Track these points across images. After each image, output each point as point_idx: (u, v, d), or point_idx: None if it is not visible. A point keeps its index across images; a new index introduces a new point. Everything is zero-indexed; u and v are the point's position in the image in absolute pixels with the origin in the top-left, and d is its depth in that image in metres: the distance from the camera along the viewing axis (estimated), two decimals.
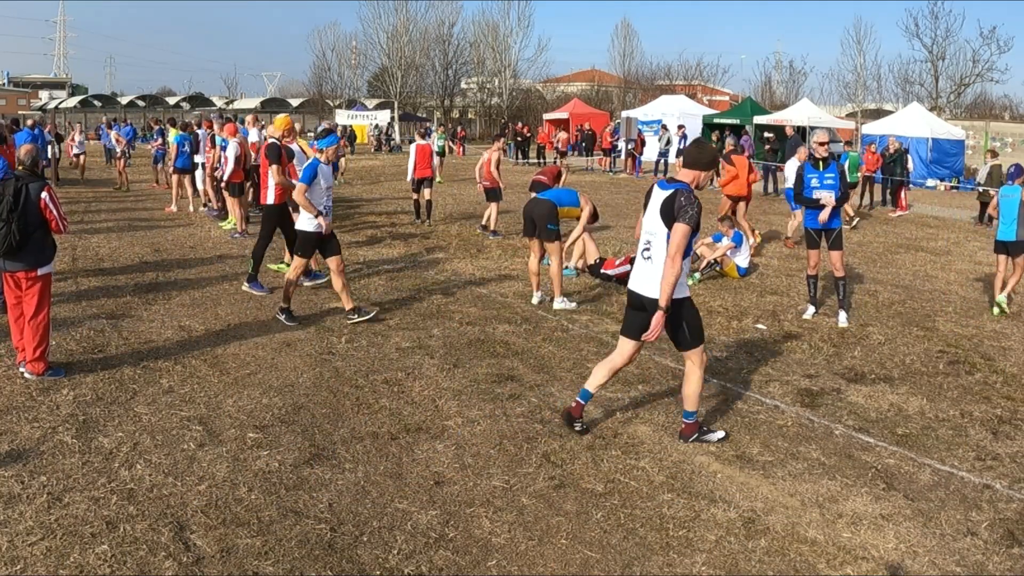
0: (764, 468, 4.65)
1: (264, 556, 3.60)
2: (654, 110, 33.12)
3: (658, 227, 4.53)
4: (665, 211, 4.46)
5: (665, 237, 4.48)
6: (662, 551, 3.75)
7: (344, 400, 5.53)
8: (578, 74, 63.66)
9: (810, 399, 5.81)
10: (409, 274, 9.80)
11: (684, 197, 4.43)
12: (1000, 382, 6.35)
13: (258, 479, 4.31)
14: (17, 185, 5.46)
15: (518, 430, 5.08)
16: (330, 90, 58.60)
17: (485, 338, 7.09)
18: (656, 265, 4.55)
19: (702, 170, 4.63)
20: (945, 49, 41.43)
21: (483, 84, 57.05)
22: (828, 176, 7.75)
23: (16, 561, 3.49)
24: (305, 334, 7.06)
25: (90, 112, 55.74)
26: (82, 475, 4.30)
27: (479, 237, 12.73)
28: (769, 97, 53.53)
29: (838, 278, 7.90)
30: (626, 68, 58.63)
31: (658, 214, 4.51)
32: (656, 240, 4.56)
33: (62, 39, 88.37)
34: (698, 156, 4.63)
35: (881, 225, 16.21)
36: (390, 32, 53.90)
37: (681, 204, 4.41)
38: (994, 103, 50.36)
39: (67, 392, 5.49)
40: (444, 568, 3.57)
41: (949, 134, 27.13)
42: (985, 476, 4.63)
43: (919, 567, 3.69)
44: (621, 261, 9.62)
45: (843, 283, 7.92)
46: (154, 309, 7.80)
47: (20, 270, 5.57)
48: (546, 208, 8.11)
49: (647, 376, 6.20)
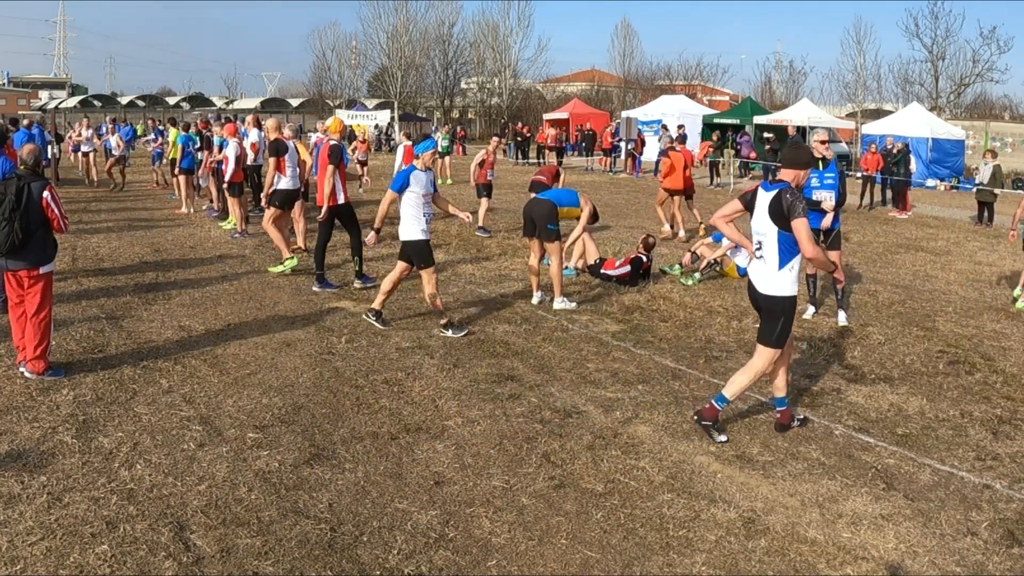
0: (764, 468, 4.65)
1: (264, 556, 3.60)
2: (654, 110, 33.11)
3: (768, 227, 4.81)
4: (774, 211, 4.75)
5: (776, 236, 4.78)
6: (662, 551, 3.75)
7: (344, 400, 5.53)
8: (578, 74, 63.62)
9: (810, 399, 5.81)
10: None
11: (789, 195, 4.72)
12: (1000, 382, 6.35)
13: (258, 479, 4.32)
14: (19, 184, 5.51)
15: (518, 430, 5.08)
16: (330, 90, 58.59)
17: (485, 338, 7.09)
18: (768, 264, 4.87)
19: (800, 169, 4.95)
20: (945, 49, 41.43)
21: (483, 84, 57.04)
22: (828, 176, 7.75)
23: (16, 561, 3.49)
24: (305, 334, 7.06)
25: (90, 112, 55.68)
26: (82, 475, 4.30)
27: (479, 238, 12.74)
28: (769, 97, 53.52)
29: (836, 279, 7.90)
30: (626, 68, 58.66)
31: (767, 215, 4.79)
32: (767, 240, 4.85)
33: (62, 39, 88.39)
34: (796, 157, 4.98)
35: (881, 225, 16.21)
36: (390, 32, 53.93)
37: (788, 201, 4.69)
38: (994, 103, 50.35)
39: (67, 392, 5.50)
40: (444, 568, 3.57)
41: (949, 134, 27.14)
42: (985, 476, 4.63)
43: (919, 567, 3.69)
44: (621, 261, 9.63)
45: (841, 283, 7.92)
46: (154, 309, 7.80)
47: (22, 268, 5.59)
48: (546, 208, 8.11)
49: (647, 376, 6.20)
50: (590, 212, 8.65)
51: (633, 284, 9.39)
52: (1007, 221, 17.66)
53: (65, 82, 78.28)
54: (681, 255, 10.56)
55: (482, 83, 57.17)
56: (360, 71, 60.55)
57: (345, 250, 11.11)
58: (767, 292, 4.89)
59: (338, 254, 10.99)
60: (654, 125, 29.47)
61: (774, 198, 4.76)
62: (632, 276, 9.45)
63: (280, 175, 9.48)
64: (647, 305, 8.47)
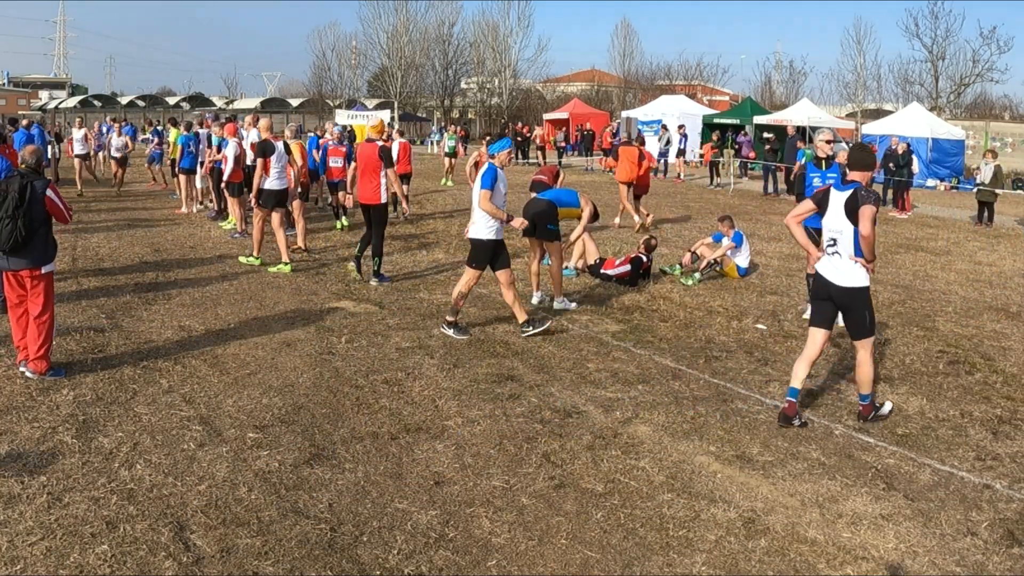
0: (764, 468, 4.65)
1: (264, 556, 3.60)
2: (654, 110, 33.11)
3: (844, 225, 5.13)
4: (849, 209, 5.08)
5: (852, 233, 5.09)
6: (662, 551, 3.75)
7: (344, 400, 5.53)
8: (578, 74, 63.63)
9: (810, 399, 5.81)
10: (409, 274, 9.79)
11: (864, 192, 5.13)
12: (1000, 382, 6.35)
13: (258, 479, 4.31)
14: (23, 182, 5.55)
15: (518, 430, 5.08)
16: (330, 90, 58.60)
17: (485, 338, 7.09)
18: (844, 258, 5.16)
19: (868, 170, 5.34)
20: (945, 49, 41.45)
21: (483, 84, 57.05)
22: (831, 176, 7.75)
23: (16, 561, 3.49)
24: (305, 334, 7.06)
25: (90, 112, 55.69)
26: (82, 475, 4.30)
27: None
28: (769, 97, 53.52)
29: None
30: (626, 68, 58.67)
31: (843, 213, 5.12)
32: (842, 237, 5.15)
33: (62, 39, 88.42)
34: (864, 159, 5.37)
35: (881, 225, 16.14)
36: (390, 32, 53.96)
37: (863, 196, 5.08)
38: (994, 103, 50.37)
39: (67, 392, 5.50)
40: (444, 568, 3.57)
41: (949, 134, 27.14)
42: (985, 476, 4.63)
43: (919, 567, 3.69)
44: (621, 261, 9.63)
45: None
46: (154, 309, 7.80)
47: (24, 268, 5.60)
48: (546, 208, 8.11)
49: (647, 376, 6.20)
50: (590, 212, 8.65)
51: (633, 284, 9.39)
52: (1007, 221, 17.69)
53: (65, 82, 78.30)
54: (681, 255, 10.56)
55: (482, 83, 57.18)
56: (360, 71, 60.63)
57: (345, 249, 11.12)
58: (847, 285, 5.14)
59: (337, 253, 11.00)
60: (654, 125, 29.47)
61: (849, 197, 5.09)
62: (632, 276, 9.45)
63: (265, 175, 9.67)
64: (647, 305, 8.47)
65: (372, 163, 8.92)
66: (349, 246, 11.34)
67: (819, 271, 5.31)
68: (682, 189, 22.83)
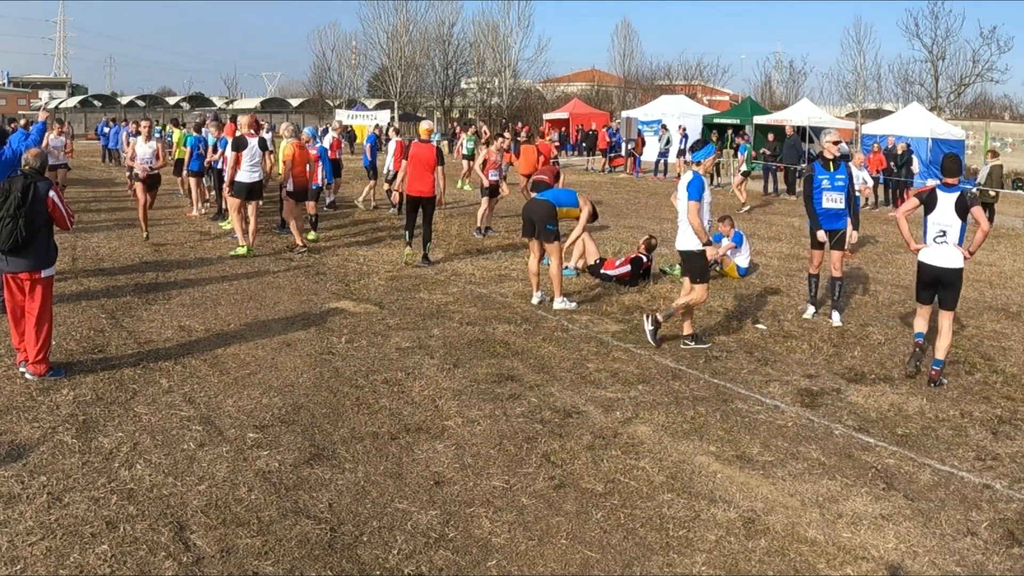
0: (764, 468, 4.65)
1: (264, 556, 3.60)
2: (654, 110, 33.06)
3: (954, 220, 6.19)
4: (959, 207, 6.16)
5: (959, 226, 6.18)
6: (662, 551, 3.75)
7: (344, 400, 5.53)
8: (578, 74, 63.58)
9: (810, 399, 5.81)
10: (409, 274, 9.79)
11: (970, 193, 6.30)
12: (1000, 382, 6.35)
13: (258, 479, 4.32)
14: (26, 182, 5.55)
15: (518, 430, 5.08)
16: (330, 90, 58.58)
17: (485, 338, 7.09)
18: (951, 246, 6.21)
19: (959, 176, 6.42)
20: (945, 49, 41.36)
21: (483, 84, 57.00)
22: (839, 177, 7.75)
23: (16, 561, 3.49)
24: (305, 334, 7.06)
25: (90, 112, 55.71)
26: (82, 475, 4.30)
27: (479, 239, 12.74)
28: (769, 97, 53.45)
29: (835, 278, 7.91)
30: (626, 68, 58.59)
31: (954, 210, 6.18)
32: (952, 230, 6.21)
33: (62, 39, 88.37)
34: (956, 167, 6.37)
35: (881, 225, 16.19)
36: (390, 32, 53.91)
37: (971, 199, 6.18)
38: (994, 103, 50.24)
39: (67, 392, 5.50)
40: (444, 568, 3.57)
41: (949, 134, 27.09)
42: (985, 476, 4.63)
43: (919, 567, 3.69)
44: (621, 262, 9.62)
45: (839, 283, 7.93)
46: (154, 309, 7.80)
47: (24, 271, 5.59)
48: (545, 208, 8.11)
49: (647, 376, 6.20)
50: (589, 212, 8.65)
51: (633, 284, 9.39)
52: (1007, 221, 17.69)
53: (65, 82, 78.27)
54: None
55: (482, 83, 57.13)
56: (360, 71, 60.60)
57: (345, 249, 11.13)
58: (954, 266, 6.21)
59: (337, 253, 11.00)
60: (654, 125, 29.45)
61: (958, 199, 6.16)
62: (632, 276, 9.44)
63: (237, 168, 10.47)
64: (647, 305, 8.46)
65: (429, 161, 9.98)
66: (348, 245, 11.36)
67: (922, 260, 6.34)
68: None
